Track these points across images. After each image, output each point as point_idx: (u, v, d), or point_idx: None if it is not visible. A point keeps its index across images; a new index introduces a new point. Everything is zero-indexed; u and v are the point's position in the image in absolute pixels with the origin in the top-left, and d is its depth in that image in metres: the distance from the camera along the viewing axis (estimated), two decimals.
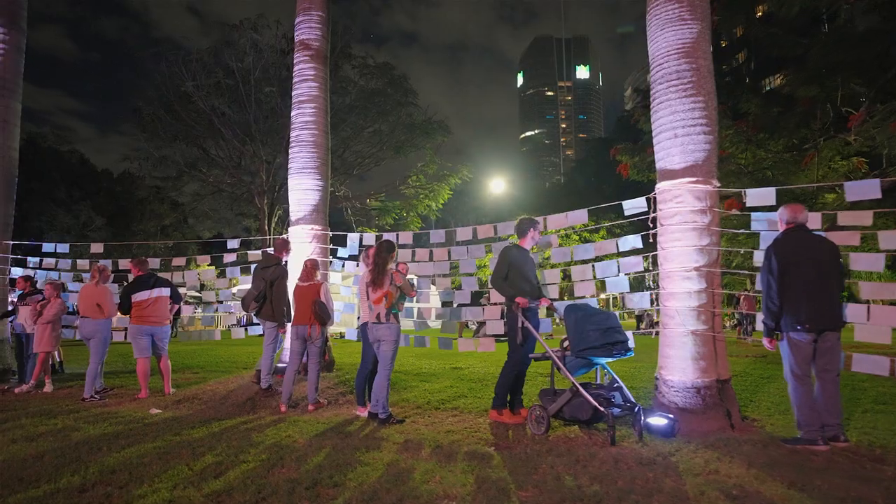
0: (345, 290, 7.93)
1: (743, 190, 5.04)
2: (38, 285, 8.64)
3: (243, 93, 19.49)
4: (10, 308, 8.31)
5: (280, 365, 6.87)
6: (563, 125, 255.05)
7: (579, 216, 5.67)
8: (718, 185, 4.87)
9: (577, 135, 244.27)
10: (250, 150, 20.76)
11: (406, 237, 6.88)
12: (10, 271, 8.38)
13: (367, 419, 5.24)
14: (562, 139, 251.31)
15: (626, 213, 5.43)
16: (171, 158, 21.95)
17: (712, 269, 4.75)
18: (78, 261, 8.81)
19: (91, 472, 3.52)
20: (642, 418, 4.26)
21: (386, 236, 6.75)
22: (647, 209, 5.30)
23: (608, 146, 54.46)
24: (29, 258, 8.61)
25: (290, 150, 7.77)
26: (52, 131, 42.63)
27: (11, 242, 8.42)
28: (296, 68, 7.97)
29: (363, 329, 5.60)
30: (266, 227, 20.85)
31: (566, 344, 4.53)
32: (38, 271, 8.58)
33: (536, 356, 4.81)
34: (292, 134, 7.80)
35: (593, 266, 5.58)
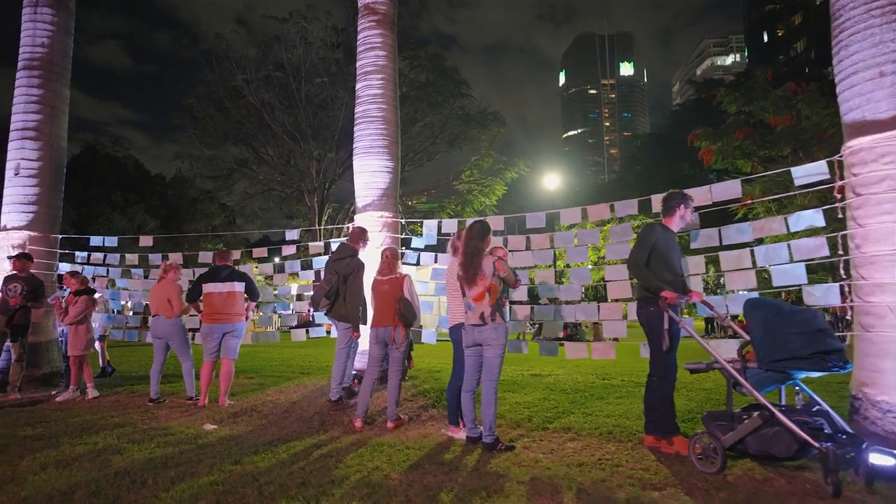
0: (420, 285, 6.93)
1: None
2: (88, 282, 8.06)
3: (294, 86, 18.94)
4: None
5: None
6: (607, 123, 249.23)
7: (729, 188, 4.48)
8: None
9: (622, 133, 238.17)
10: (300, 147, 20.21)
11: (497, 222, 5.82)
12: (58, 267, 7.79)
13: (465, 443, 4.21)
14: (605, 138, 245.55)
15: (798, 181, 4.20)
16: (222, 157, 21.69)
17: None
18: (127, 255, 8.14)
19: None
20: (867, 457, 3.05)
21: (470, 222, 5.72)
22: (827, 175, 4.07)
23: (659, 142, 52.04)
24: (77, 253, 8.01)
25: (356, 128, 6.86)
26: (109, 140, 44.11)
27: (60, 236, 7.84)
28: (360, 36, 7.05)
29: (454, 332, 4.59)
30: (316, 226, 20.26)
31: (746, 351, 3.36)
32: (85, 267, 7.95)
33: (695, 367, 3.65)
34: (357, 109, 6.88)
35: (752, 251, 4.37)
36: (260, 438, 4.36)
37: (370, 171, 6.56)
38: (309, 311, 9.22)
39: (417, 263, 6.47)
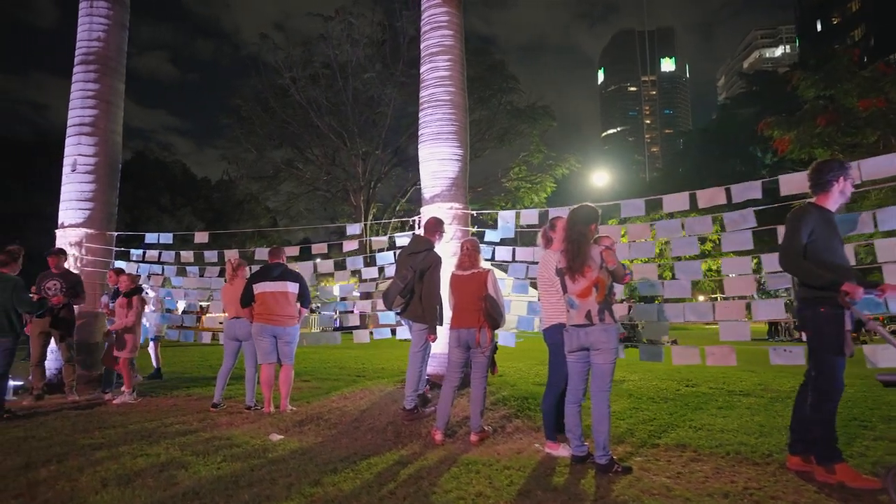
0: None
1: None
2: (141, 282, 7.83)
3: (340, 84, 18.73)
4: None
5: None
6: (648, 121, 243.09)
7: (884, 164, 3.76)
8: None
9: (663, 130, 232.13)
10: (346, 146, 20.02)
11: None
12: (113, 265, 7.58)
13: (570, 462, 3.63)
14: (646, 135, 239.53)
15: None
16: (268, 157, 21.72)
17: None
18: (182, 253, 7.89)
19: None
20: None
21: (554, 213, 5.16)
22: None
23: (707, 138, 49.95)
24: (132, 251, 7.80)
25: (421, 114, 6.39)
26: (157, 146, 45.71)
27: (115, 233, 7.65)
28: (424, 15, 6.58)
29: (550, 333, 4.03)
30: (363, 226, 20.02)
31: None
32: (140, 265, 7.72)
33: (892, 378, 2.95)
34: (423, 94, 6.40)
35: None
36: (334, 453, 3.89)
37: (438, 160, 6.06)
38: (352, 311, 8.79)
39: (492, 258, 5.91)
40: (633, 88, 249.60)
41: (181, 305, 8.98)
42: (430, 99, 6.26)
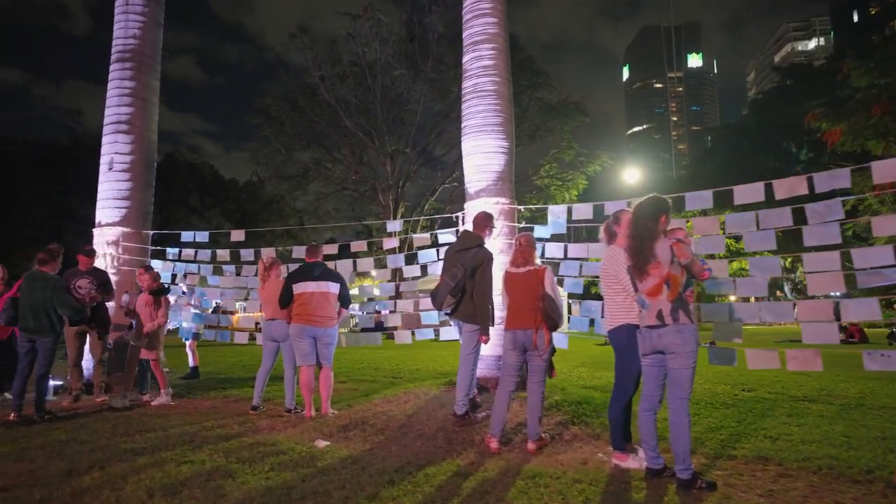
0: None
1: None
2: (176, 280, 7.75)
3: (369, 81, 18.62)
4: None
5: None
6: (674, 118, 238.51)
7: None
8: None
9: (690, 127, 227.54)
10: (374, 144, 19.89)
11: None
12: (149, 263, 7.50)
13: (645, 475, 3.32)
14: (673, 133, 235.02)
15: None
16: (296, 157, 21.77)
17: None
18: (218, 251, 7.77)
19: None
20: None
21: (611, 206, 4.85)
22: None
23: (737, 134, 48.52)
24: (168, 249, 7.71)
25: (463, 105, 6.13)
26: (186, 149, 46.84)
27: (151, 232, 7.57)
28: (466, 3, 6.35)
29: (615, 335, 3.72)
30: (401, 222, 19.89)
31: None
32: (176, 264, 7.63)
33: None
34: (466, 84, 6.15)
35: None
36: (386, 462, 3.65)
37: (483, 153, 5.79)
38: (380, 311, 8.56)
39: (542, 255, 5.61)
40: (658, 85, 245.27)
41: (213, 304, 8.89)
42: (473, 89, 5.99)
